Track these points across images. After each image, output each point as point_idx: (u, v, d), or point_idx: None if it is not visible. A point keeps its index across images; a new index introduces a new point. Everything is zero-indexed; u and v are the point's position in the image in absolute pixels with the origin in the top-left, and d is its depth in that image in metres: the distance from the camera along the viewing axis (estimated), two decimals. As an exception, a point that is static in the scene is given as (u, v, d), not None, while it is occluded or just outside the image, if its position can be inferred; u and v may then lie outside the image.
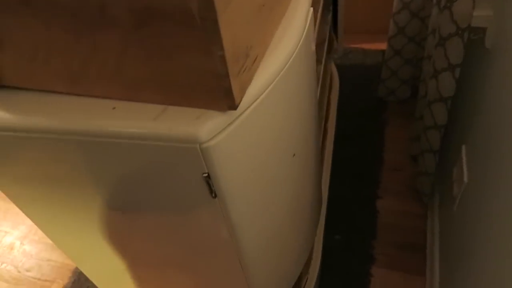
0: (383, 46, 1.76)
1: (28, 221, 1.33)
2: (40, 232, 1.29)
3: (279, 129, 0.52)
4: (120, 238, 0.63)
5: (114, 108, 0.44)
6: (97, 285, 0.83)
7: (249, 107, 0.44)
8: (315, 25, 0.92)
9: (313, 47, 0.67)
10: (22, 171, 0.54)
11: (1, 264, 1.23)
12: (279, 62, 0.48)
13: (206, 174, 0.44)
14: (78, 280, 1.13)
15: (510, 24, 0.69)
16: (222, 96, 0.40)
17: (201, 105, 0.42)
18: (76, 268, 1.17)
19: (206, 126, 0.41)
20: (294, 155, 0.60)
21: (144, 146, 0.43)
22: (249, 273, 0.63)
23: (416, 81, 1.48)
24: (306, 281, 0.97)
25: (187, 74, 0.40)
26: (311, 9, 0.60)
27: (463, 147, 0.87)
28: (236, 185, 0.48)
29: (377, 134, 1.45)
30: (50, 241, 1.26)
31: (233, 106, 0.41)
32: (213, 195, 0.46)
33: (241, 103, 0.43)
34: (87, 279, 1.12)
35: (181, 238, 0.58)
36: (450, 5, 0.84)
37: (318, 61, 1.08)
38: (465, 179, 0.81)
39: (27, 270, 1.20)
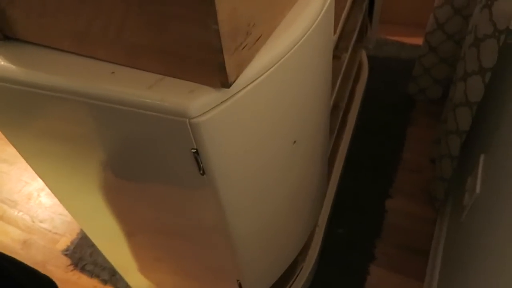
0: (421, 41, 1.68)
1: (47, 175, 1.39)
2: (56, 186, 1.35)
3: (278, 114, 0.51)
4: (117, 202, 0.64)
5: (113, 72, 0.45)
6: (96, 244, 0.86)
7: (245, 87, 0.43)
8: (343, 11, 0.88)
9: (331, 34, 0.64)
10: (28, 125, 0.55)
11: (18, 212, 1.30)
12: (286, 44, 0.46)
13: (194, 150, 0.44)
14: (85, 237, 1.18)
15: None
16: (215, 71, 0.39)
17: (196, 78, 0.42)
18: (85, 225, 1.22)
19: (197, 101, 0.40)
20: (294, 142, 0.59)
21: (137, 114, 0.43)
22: (238, 253, 0.63)
23: (449, 82, 1.41)
24: (301, 269, 0.96)
25: (183, 44, 0.39)
26: (332, -7, 0.58)
27: (482, 156, 0.83)
28: (226, 165, 0.47)
29: (400, 132, 1.40)
30: (64, 196, 1.32)
31: (226, 84, 0.40)
32: (201, 172, 0.46)
33: (237, 81, 0.42)
34: (93, 237, 1.17)
35: (174, 210, 0.59)
36: (491, 4, 0.78)
37: (344, 49, 1.05)
38: (477, 190, 0.77)
39: (40, 221, 1.26)
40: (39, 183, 1.37)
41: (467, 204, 0.84)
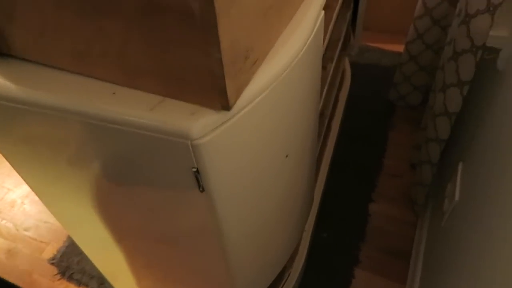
0: (402, 48, 1.74)
1: (30, 182, 1.37)
2: (40, 193, 1.33)
3: (273, 131, 0.53)
4: (110, 210, 0.65)
5: (114, 93, 0.46)
6: (84, 251, 0.86)
7: (243, 108, 0.45)
8: (329, 23, 0.91)
9: (321, 50, 0.67)
10: (21, 136, 0.56)
11: (1, 221, 1.28)
12: (280, 66, 0.49)
13: (195, 169, 0.45)
14: (72, 245, 1.17)
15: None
16: (216, 95, 0.41)
17: (197, 101, 0.43)
18: (71, 232, 1.21)
19: (199, 124, 0.42)
20: (287, 156, 0.61)
21: (138, 134, 0.44)
22: (231, 263, 0.65)
23: (428, 89, 1.47)
24: (289, 275, 0.99)
25: (185, 69, 0.40)
26: (323, 12, 0.60)
27: (460, 164, 0.87)
28: (224, 182, 0.49)
29: (381, 137, 1.44)
30: (49, 203, 1.30)
31: (227, 107, 0.42)
32: (201, 189, 0.48)
33: (236, 103, 0.44)
34: (80, 245, 1.16)
35: (168, 220, 0.60)
36: (468, 21, 0.82)
37: (330, 59, 1.08)
38: (456, 197, 0.82)
39: (25, 229, 1.24)
40: (22, 190, 1.35)
41: (447, 210, 0.88)
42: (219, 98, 0.41)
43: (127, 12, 0.38)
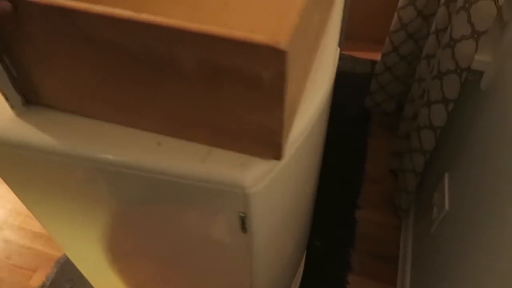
0: (374, 56, 1.82)
1: (8, 205, 1.29)
2: (20, 217, 1.26)
3: (302, 171, 0.56)
4: (124, 236, 0.62)
5: (159, 143, 0.46)
6: (83, 272, 0.83)
7: (287, 154, 0.47)
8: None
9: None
10: (47, 183, 0.54)
11: (-22, 248, 1.20)
12: (312, 110, 0.51)
13: (243, 214, 0.47)
14: (61, 271, 1.13)
15: (506, 73, 0.75)
16: (270, 147, 0.43)
17: (247, 151, 0.44)
18: (59, 258, 1.16)
19: (252, 174, 0.43)
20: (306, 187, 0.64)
21: (186, 184, 0.45)
22: (253, 284, 0.67)
23: (402, 97, 1.55)
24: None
25: (240, 125, 0.42)
26: (338, 49, 0.63)
27: (446, 174, 0.94)
28: (266, 224, 0.51)
29: (360, 144, 1.51)
30: (30, 228, 1.24)
31: (279, 157, 0.44)
32: (244, 230, 0.49)
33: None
34: (70, 270, 1.12)
35: (197, 250, 0.60)
36: (453, 44, 0.89)
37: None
38: (447, 206, 0.89)
39: (7, 257, 1.18)
40: (0, 214, 1.27)
41: (436, 218, 0.95)
42: (272, 150, 0.43)
43: (188, 77, 0.38)
